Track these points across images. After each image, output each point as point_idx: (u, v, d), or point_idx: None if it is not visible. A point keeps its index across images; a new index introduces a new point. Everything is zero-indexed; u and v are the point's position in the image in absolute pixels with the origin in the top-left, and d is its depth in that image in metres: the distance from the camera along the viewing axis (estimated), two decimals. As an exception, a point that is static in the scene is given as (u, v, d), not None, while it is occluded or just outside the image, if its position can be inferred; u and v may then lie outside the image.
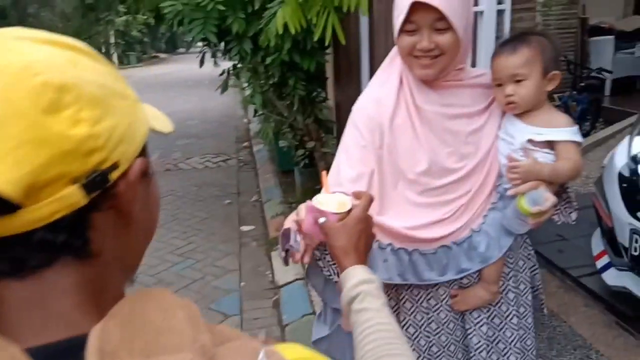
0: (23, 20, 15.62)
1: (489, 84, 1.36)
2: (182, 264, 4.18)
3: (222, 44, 4.04)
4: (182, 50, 34.12)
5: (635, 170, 2.32)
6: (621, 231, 2.23)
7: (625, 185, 2.34)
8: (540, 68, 1.27)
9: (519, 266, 1.48)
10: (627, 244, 2.20)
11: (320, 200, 1.09)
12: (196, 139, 8.70)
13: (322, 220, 1.07)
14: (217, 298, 3.63)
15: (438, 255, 1.37)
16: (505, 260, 1.42)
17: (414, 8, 1.18)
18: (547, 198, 1.22)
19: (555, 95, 6.94)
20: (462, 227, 1.36)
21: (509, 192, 1.30)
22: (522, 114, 1.32)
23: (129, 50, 28.14)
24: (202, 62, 4.15)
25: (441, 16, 1.18)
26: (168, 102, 12.97)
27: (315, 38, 3.15)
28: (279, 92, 4.03)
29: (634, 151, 2.44)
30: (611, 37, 7.03)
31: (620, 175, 2.41)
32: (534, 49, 1.28)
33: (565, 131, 1.28)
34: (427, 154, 1.31)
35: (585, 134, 5.64)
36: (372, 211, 1.32)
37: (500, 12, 2.15)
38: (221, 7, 3.48)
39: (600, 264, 2.58)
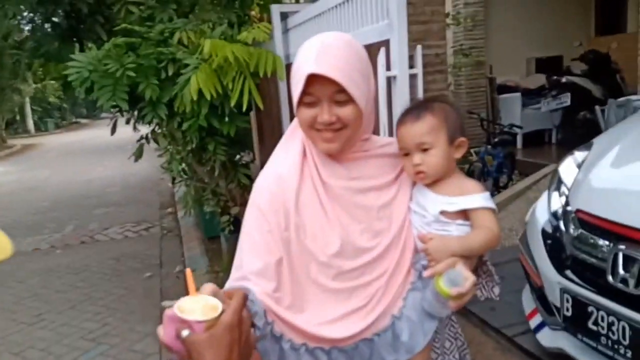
0: None
1: (397, 153, 1.31)
2: (93, 351, 3.77)
3: (137, 109, 3.85)
4: (104, 115, 33.28)
5: (557, 226, 2.32)
6: (551, 290, 2.20)
7: (549, 242, 2.34)
8: (445, 135, 1.24)
9: (445, 348, 1.37)
10: (558, 304, 2.16)
11: (182, 307, 0.91)
12: (116, 207, 8.26)
13: (184, 333, 0.90)
14: (134, 388, 3.26)
15: (360, 349, 1.24)
16: (431, 346, 1.31)
17: (311, 80, 1.12)
18: (467, 277, 1.11)
19: (472, 150, 7.24)
20: (382, 315, 1.23)
21: (425, 274, 1.19)
22: (431, 184, 1.27)
23: (46, 117, 27.08)
24: (113, 129, 3.92)
25: (340, 88, 1.12)
26: (87, 168, 12.38)
27: (232, 103, 3.07)
28: (198, 158, 3.86)
29: (553, 207, 2.46)
30: (518, 94, 7.48)
31: (544, 232, 2.41)
32: (438, 115, 1.24)
33: (477, 198, 1.22)
34: (339, 233, 1.21)
35: (503, 186, 5.84)
36: (284, 305, 1.18)
37: (412, 76, 2.14)
38: (132, 74, 3.33)
39: (533, 323, 2.54)
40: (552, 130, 7.21)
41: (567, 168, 2.58)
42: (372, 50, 2.12)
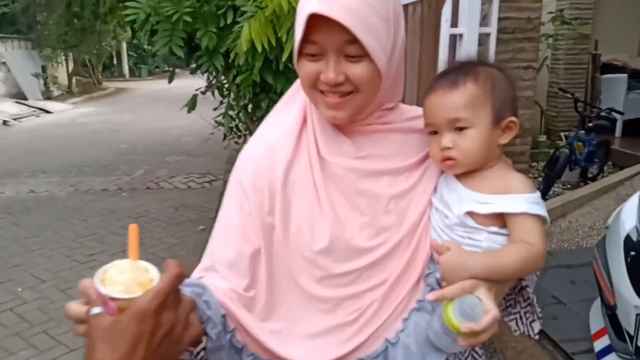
0: (32, 27, 15.61)
1: None
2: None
3: (195, 59, 3.69)
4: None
5: (645, 237, 1.90)
6: (626, 314, 1.80)
7: (632, 255, 1.92)
8: (490, 112, 0.93)
9: None
10: (632, 331, 1.76)
11: (108, 274, 0.70)
12: (187, 157, 8.37)
13: (93, 310, 0.69)
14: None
15: None
16: None
17: (315, 23, 0.85)
18: (486, 310, 0.81)
19: (562, 134, 6.55)
20: (373, 337, 0.95)
21: (428, 297, 0.90)
22: (464, 175, 0.97)
23: (141, 63, 28.24)
24: (171, 78, 3.79)
25: (353, 37, 0.85)
26: (169, 116, 12.67)
27: (284, 57, 2.80)
28: (252, 115, 3.66)
29: (644, 213, 2.02)
30: (624, 75, 6.64)
31: (627, 242, 1.99)
32: (483, 84, 0.94)
33: (522, 200, 0.90)
34: (330, 225, 0.94)
35: (592, 178, 5.21)
36: (256, 312, 0.94)
37: (484, 37, 1.76)
38: (188, 19, 3.14)
39: (598, 345, 2.15)
40: (659, 120, 6.37)
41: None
42: (425, 3, 1.77)
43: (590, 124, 5.07)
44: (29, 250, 4.67)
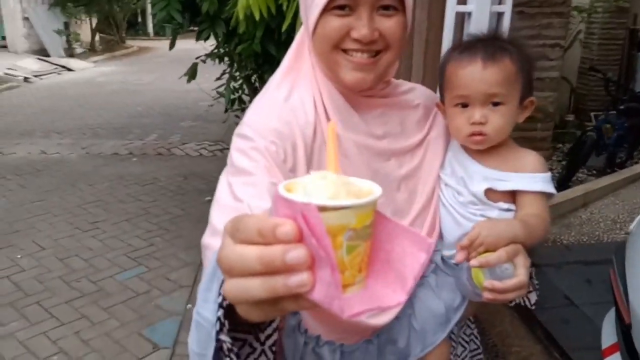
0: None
1: (425, 104, 1.03)
2: (131, 271, 3.68)
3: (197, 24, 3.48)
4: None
5: (672, 251, 1.67)
6: (640, 338, 1.60)
7: (654, 270, 1.70)
8: (519, 90, 0.96)
9: (457, 355, 1.11)
10: (646, 358, 1.57)
11: (302, 183, 0.45)
12: (202, 122, 8.21)
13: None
14: (154, 321, 3.12)
15: (356, 355, 0.99)
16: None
17: None
18: (517, 275, 0.83)
19: (592, 114, 6.19)
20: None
21: (472, 263, 0.85)
22: (477, 152, 0.98)
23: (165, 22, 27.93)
24: (172, 44, 3.59)
25: None
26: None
27: (284, 27, 2.57)
28: (254, 87, 3.45)
29: (672, 221, 1.79)
30: (664, 53, 6.20)
31: (650, 254, 1.77)
32: (517, 63, 0.94)
33: (539, 178, 0.96)
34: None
35: (619, 164, 4.90)
36: None
37: (497, 15, 1.51)
38: (186, -19, 2.92)
39: (608, 363, 1.95)
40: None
41: None
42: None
43: (622, 107, 4.72)
44: (33, 215, 4.62)
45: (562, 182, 4.48)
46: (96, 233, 4.27)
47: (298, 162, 0.87)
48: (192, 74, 3.61)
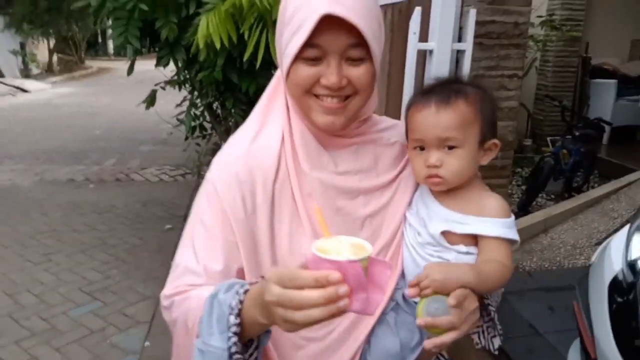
0: (10, 2, 15.05)
1: (402, 141, 1.05)
2: (85, 307, 3.50)
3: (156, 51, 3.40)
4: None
5: (634, 285, 1.68)
6: (607, 375, 1.59)
7: (618, 303, 1.71)
8: (478, 132, 0.96)
9: None
10: (613, 396, 1.56)
11: (323, 248, 0.72)
12: (162, 146, 8.03)
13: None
14: (109, 361, 2.96)
15: None
16: None
17: (321, 25, 0.84)
18: (450, 314, 0.84)
19: (549, 139, 6.36)
20: (340, 353, 0.98)
21: (408, 293, 0.88)
22: (442, 192, 1.00)
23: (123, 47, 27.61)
24: (130, 69, 3.49)
25: (356, 41, 0.87)
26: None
27: (246, 57, 2.54)
28: (216, 114, 3.38)
29: (633, 254, 1.80)
30: (614, 81, 6.45)
31: (613, 286, 1.77)
32: (473, 104, 0.96)
33: (499, 224, 0.95)
34: (309, 241, 0.90)
35: (576, 188, 5.03)
36: None
37: (458, 53, 1.51)
38: (144, 7, 2.85)
39: (574, 397, 1.94)
40: (649, 129, 6.20)
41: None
42: (395, 8, 1.51)
43: (578, 133, 4.86)
44: (-20, 247, 4.37)
45: (522, 207, 4.56)
46: (48, 266, 4.06)
47: (257, 206, 0.95)
48: (150, 100, 3.52)
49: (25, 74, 15.78)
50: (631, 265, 1.77)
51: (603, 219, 3.95)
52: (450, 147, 0.95)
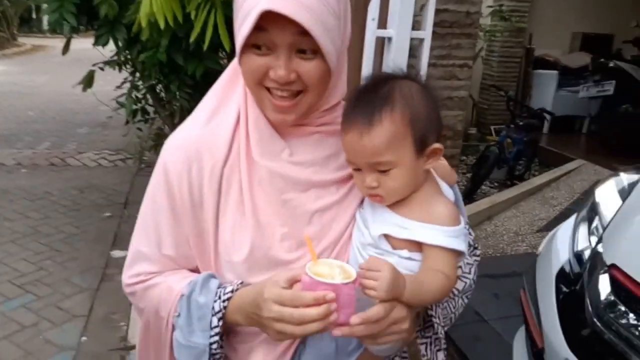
0: None
1: None
2: (17, 300, 3.29)
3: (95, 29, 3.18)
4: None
5: (580, 276, 1.70)
6: (554, 365, 1.61)
7: (565, 294, 1.73)
8: (412, 145, 0.89)
9: None
10: (561, 386, 1.57)
11: (318, 272, 0.80)
12: (101, 129, 7.64)
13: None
14: (43, 358, 2.78)
15: None
16: None
17: (265, 16, 0.80)
18: (374, 308, 0.82)
19: (492, 128, 6.51)
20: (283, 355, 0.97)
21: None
22: None
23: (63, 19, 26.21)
24: (66, 48, 3.26)
25: (305, 32, 0.81)
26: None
27: (192, 38, 2.40)
28: (158, 97, 3.21)
29: (579, 245, 1.83)
30: (555, 72, 6.66)
31: (560, 277, 1.79)
32: (401, 117, 0.88)
33: (442, 233, 0.89)
34: (251, 234, 0.93)
35: (519, 176, 5.17)
36: None
37: (417, 41, 1.45)
38: (80, -19, 2.64)
39: (521, 386, 1.97)
40: (586, 119, 6.44)
41: (607, 194, 1.93)
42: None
43: (521, 123, 4.99)
44: None
45: (467, 195, 4.64)
46: (-25, 258, 3.79)
47: (203, 196, 0.94)
48: (88, 81, 3.29)
49: (-49, 49, 14.69)
50: (577, 255, 1.80)
51: (544, 207, 4.08)
52: (384, 170, 0.89)
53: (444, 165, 1.03)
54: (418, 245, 0.91)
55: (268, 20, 0.80)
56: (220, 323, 0.90)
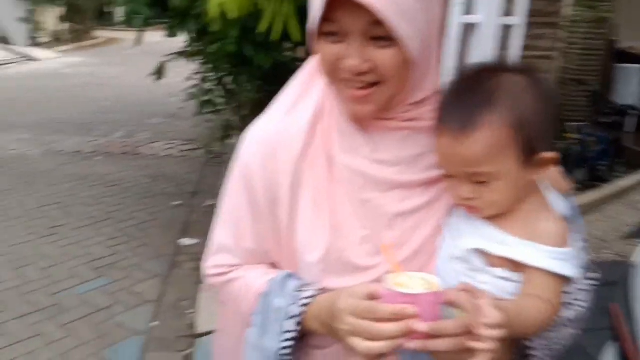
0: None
1: None
2: (92, 283, 3.42)
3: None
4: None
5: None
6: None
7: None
8: (517, 153, 0.76)
9: None
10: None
11: (400, 283, 0.71)
12: (172, 120, 7.85)
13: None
14: (115, 341, 2.87)
15: None
16: None
17: (335, 2, 0.73)
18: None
19: (574, 124, 6.14)
20: None
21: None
22: None
23: (137, 13, 27.27)
24: (139, 39, 3.33)
25: (378, 19, 0.72)
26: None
27: (261, 28, 2.37)
28: (227, 90, 3.22)
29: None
30: (638, 66, 6.20)
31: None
32: (504, 122, 0.75)
33: (546, 252, 0.77)
34: (327, 234, 0.86)
35: (600, 177, 4.83)
36: None
37: (507, 28, 1.33)
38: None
39: (612, 406, 1.81)
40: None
41: None
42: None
43: (607, 120, 4.66)
44: (-15, 218, 4.29)
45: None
46: (55, 239, 3.97)
47: (279, 195, 0.89)
48: (159, 73, 3.35)
49: (34, 42, 15.59)
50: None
51: (631, 212, 3.79)
52: (482, 182, 0.78)
53: (552, 170, 0.88)
54: (516, 265, 0.79)
55: (339, 5, 0.74)
56: (298, 328, 0.85)
